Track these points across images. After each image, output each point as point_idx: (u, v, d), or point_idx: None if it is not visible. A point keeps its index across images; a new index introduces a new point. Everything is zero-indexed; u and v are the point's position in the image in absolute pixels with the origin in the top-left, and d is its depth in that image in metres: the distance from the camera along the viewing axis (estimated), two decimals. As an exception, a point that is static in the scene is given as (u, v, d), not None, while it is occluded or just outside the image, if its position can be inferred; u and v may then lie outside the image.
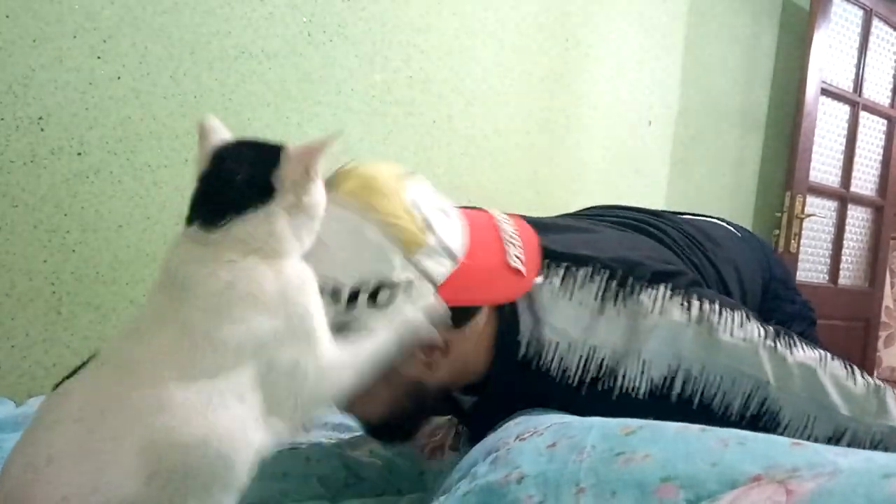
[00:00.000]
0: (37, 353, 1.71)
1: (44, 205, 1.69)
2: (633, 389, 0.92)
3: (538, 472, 0.74)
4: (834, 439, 0.88)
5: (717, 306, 0.94)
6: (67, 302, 1.74)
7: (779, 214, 3.44)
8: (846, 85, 3.66)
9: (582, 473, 0.70)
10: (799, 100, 3.40)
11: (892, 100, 3.92)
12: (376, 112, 2.20)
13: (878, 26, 3.77)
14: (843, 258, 3.83)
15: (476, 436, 0.94)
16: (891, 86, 3.92)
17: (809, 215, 3.48)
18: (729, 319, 0.92)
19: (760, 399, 0.89)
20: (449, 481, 0.86)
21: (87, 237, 1.74)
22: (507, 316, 0.96)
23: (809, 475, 0.55)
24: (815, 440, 0.85)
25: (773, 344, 0.91)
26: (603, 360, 0.93)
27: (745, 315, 0.94)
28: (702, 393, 0.90)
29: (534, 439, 0.83)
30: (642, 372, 0.92)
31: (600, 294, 0.95)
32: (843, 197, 3.76)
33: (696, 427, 0.73)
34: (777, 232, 3.46)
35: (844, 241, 3.81)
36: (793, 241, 3.43)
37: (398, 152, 2.22)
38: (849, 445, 0.87)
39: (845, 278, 3.86)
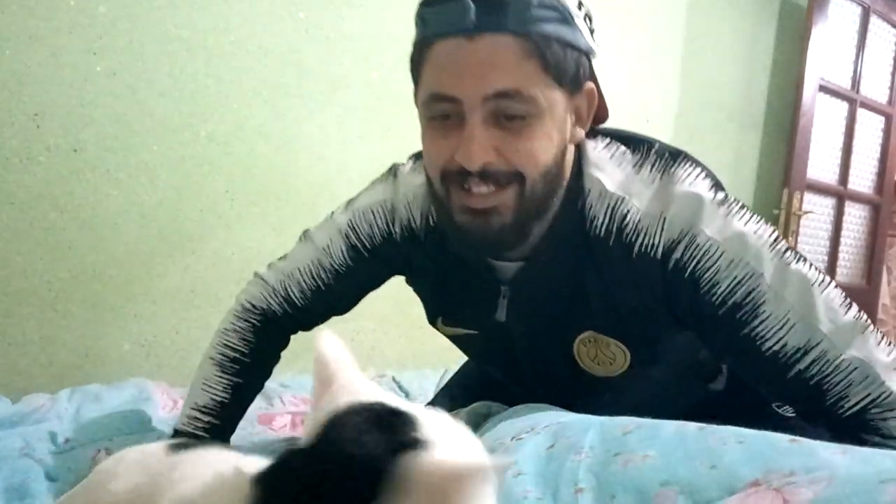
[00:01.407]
0: (33, 350, 1.71)
1: (40, 202, 1.68)
2: (651, 248, 0.97)
3: (537, 472, 0.74)
4: (803, 350, 0.91)
5: (739, 203, 0.99)
6: (63, 300, 1.73)
7: (776, 212, 3.44)
8: (844, 82, 3.66)
9: (581, 474, 0.70)
10: (797, 97, 3.40)
11: (890, 97, 3.91)
12: (374, 109, 2.20)
13: (875, 23, 3.77)
14: (841, 255, 3.83)
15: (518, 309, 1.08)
16: (889, 83, 3.92)
17: (807, 212, 3.48)
18: (748, 215, 0.98)
19: (749, 289, 0.93)
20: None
21: (82, 235, 1.74)
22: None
23: (806, 480, 0.55)
24: (785, 345, 0.91)
25: (781, 248, 0.95)
26: (628, 212, 0.98)
27: (763, 221, 0.99)
28: (697, 261, 0.95)
29: (532, 438, 0.83)
30: (662, 231, 0.96)
31: (640, 160, 1.03)
32: (840, 194, 3.76)
33: (693, 425, 0.73)
34: (775, 229, 3.45)
35: (842, 239, 3.81)
36: (790, 239, 3.42)
37: (396, 149, 2.21)
38: (814, 362, 0.90)
39: (842, 276, 3.86)
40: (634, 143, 1.06)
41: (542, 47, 0.91)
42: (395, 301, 1.93)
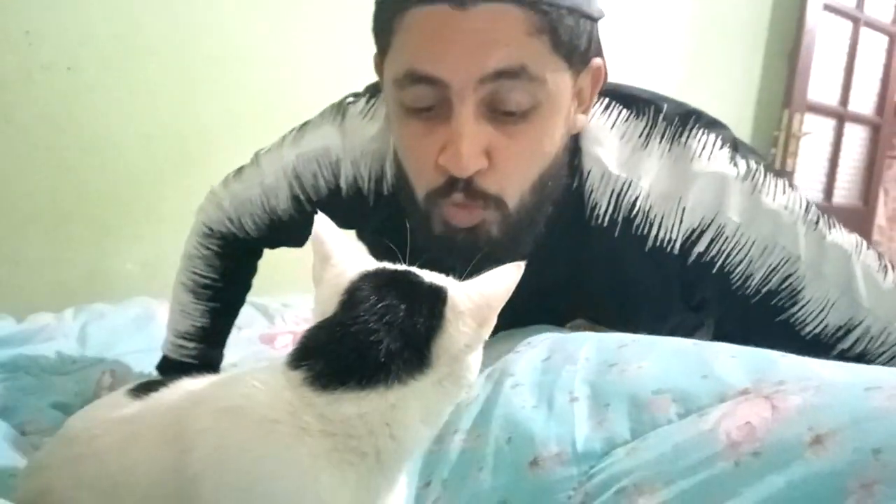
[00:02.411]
0: (38, 270, 1.73)
1: (40, 122, 1.67)
2: (668, 242, 0.86)
3: (533, 382, 0.76)
4: (845, 328, 0.83)
5: (762, 167, 0.87)
6: (68, 220, 1.75)
7: (776, 133, 3.42)
8: (848, 0, 3.59)
9: (576, 383, 0.72)
10: (801, 15, 3.34)
11: (895, 15, 3.84)
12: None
13: (885, -61, 3.67)
14: (839, 177, 3.83)
15: None
16: (893, 1, 3.84)
17: (806, 134, 3.47)
18: (773, 184, 0.86)
19: (785, 274, 0.83)
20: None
21: (84, 155, 1.74)
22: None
23: (795, 389, 0.57)
24: (826, 326, 0.84)
25: (814, 219, 0.85)
26: (637, 198, 0.86)
27: (787, 183, 0.87)
28: (727, 255, 0.84)
29: (528, 351, 0.85)
30: (681, 221, 0.85)
31: (646, 129, 0.89)
32: (841, 115, 3.73)
33: (688, 342, 0.75)
34: (774, 151, 3.44)
35: (840, 160, 3.80)
36: (789, 160, 3.42)
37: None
38: (858, 341, 0.84)
39: (840, 197, 3.87)
40: (637, 105, 0.91)
41: (553, 21, 0.75)
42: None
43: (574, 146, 0.89)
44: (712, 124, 0.91)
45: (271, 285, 1.43)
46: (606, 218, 0.88)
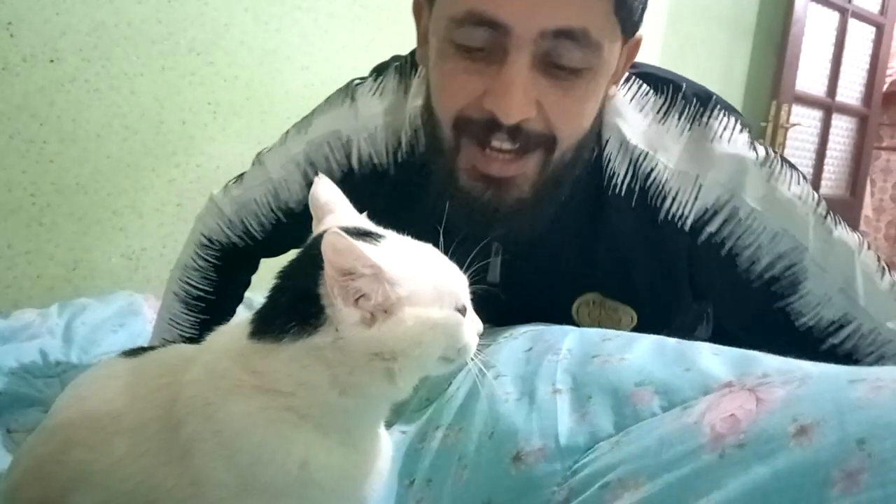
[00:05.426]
0: (20, 264, 1.71)
1: (19, 114, 1.65)
2: (680, 217, 0.86)
3: (515, 374, 0.76)
4: (838, 324, 0.85)
5: (779, 157, 0.89)
6: (49, 213, 1.72)
7: (764, 124, 3.42)
8: (837, -10, 3.60)
9: (559, 374, 0.72)
10: (788, 5, 3.34)
11: (882, 6, 3.85)
12: (359, 18, 2.15)
13: (872, -71, 3.68)
14: (826, 167, 3.84)
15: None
16: (882, -9, 3.85)
17: (794, 125, 3.47)
18: (788, 174, 0.87)
19: (790, 262, 0.84)
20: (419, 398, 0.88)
21: (65, 147, 1.71)
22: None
23: (779, 381, 0.57)
24: (820, 320, 0.85)
25: (823, 213, 0.86)
26: (653, 170, 0.87)
27: (801, 175, 0.89)
28: (738, 238, 0.85)
29: (510, 342, 0.84)
30: (696, 198, 0.85)
31: (665, 106, 0.90)
32: (828, 106, 3.74)
33: (671, 340, 0.74)
34: (761, 142, 3.44)
35: (828, 151, 3.81)
36: (776, 151, 3.42)
37: (380, 60, 2.17)
38: (848, 337, 0.85)
39: (827, 188, 3.88)
40: (657, 82, 0.92)
41: None
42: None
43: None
44: (731, 108, 0.91)
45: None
46: (624, 187, 0.88)
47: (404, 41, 0.96)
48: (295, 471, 0.56)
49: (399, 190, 0.99)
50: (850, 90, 3.86)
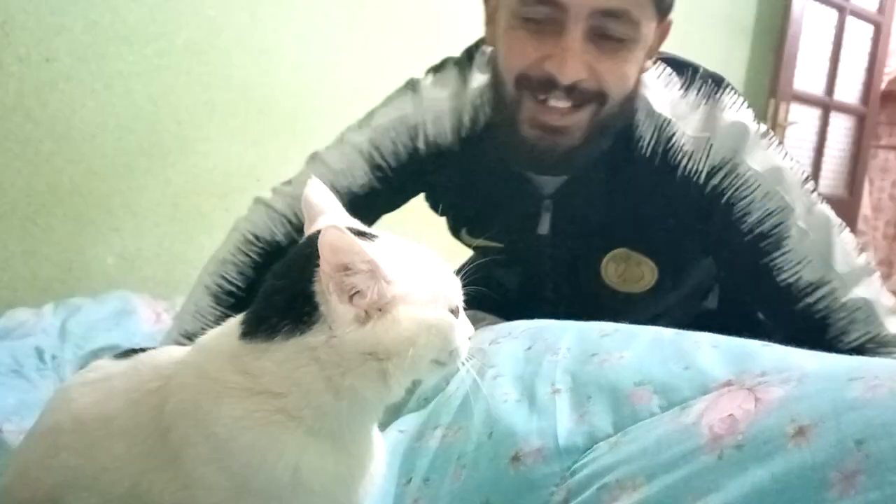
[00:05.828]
0: (15, 265, 1.70)
1: (13, 114, 1.64)
2: (695, 173, 1.01)
3: (514, 374, 0.76)
4: (814, 285, 0.97)
5: (776, 138, 1.05)
6: (44, 213, 1.72)
7: (762, 123, 3.41)
8: (835, -12, 3.59)
9: (558, 374, 0.72)
10: (787, 4, 3.33)
11: (881, 4, 3.85)
12: (355, 17, 2.14)
13: (870, -73, 3.67)
14: (824, 166, 3.83)
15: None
16: (880, -11, 3.84)
17: (792, 123, 3.47)
18: (783, 150, 1.03)
19: (778, 221, 0.98)
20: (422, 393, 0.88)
21: (60, 147, 1.71)
22: None
23: (777, 380, 0.57)
24: (799, 279, 0.97)
25: (810, 188, 1.01)
26: (674, 134, 1.02)
27: (792, 157, 1.04)
28: (735, 189, 1.00)
29: (509, 342, 0.84)
30: (707, 156, 1.01)
31: (685, 83, 1.07)
32: (826, 105, 3.74)
33: (669, 331, 0.74)
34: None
35: (826, 150, 3.80)
36: (775, 150, 3.42)
37: (378, 60, 2.17)
38: (822, 298, 0.97)
39: (825, 187, 3.87)
40: (678, 65, 1.10)
41: None
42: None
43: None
44: (738, 92, 1.08)
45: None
46: (649, 149, 1.04)
47: (400, 41, 0.97)
48: (287, 475, 0.55)
49: (462, 164, 1.13)
50: (849, 89, 3.85)
